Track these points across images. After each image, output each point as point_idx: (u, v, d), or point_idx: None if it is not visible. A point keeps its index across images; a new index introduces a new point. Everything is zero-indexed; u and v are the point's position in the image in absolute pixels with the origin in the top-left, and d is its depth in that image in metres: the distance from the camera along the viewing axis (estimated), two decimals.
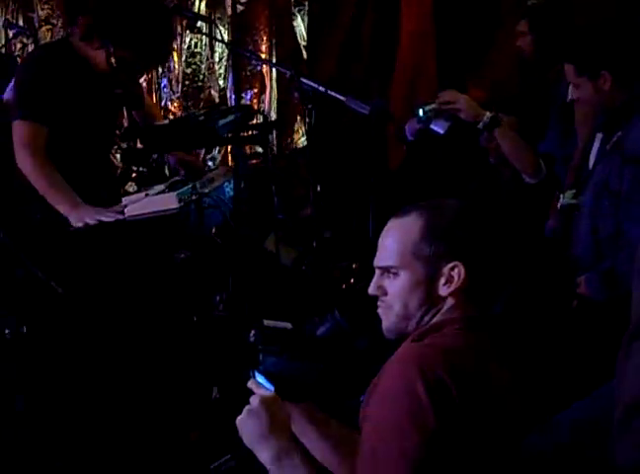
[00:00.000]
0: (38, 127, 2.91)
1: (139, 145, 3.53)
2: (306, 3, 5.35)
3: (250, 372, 1.75)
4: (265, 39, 5.32)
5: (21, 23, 5.12)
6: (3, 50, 4.89)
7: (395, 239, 1.65)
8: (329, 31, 5.34)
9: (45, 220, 2.93)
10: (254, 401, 1.62)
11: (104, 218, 2.79)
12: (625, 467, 0.67)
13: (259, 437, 1.58)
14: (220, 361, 3.12)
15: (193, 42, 5.26)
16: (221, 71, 5.32)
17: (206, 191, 2.97)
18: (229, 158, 5.15)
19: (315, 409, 1.85)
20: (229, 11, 5.28)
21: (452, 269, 1.59)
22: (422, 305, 1.62)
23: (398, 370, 1.50)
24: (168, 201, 2.80)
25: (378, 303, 1.69)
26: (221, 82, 5.32)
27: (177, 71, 5.21)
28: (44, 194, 2.89)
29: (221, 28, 5.21)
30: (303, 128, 5.17)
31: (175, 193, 2.80)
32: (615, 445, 0.68)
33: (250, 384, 1.70)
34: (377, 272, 1.70)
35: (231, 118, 3.13)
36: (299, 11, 5.37)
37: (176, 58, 5.21)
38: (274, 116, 5.26)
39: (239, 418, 1.63)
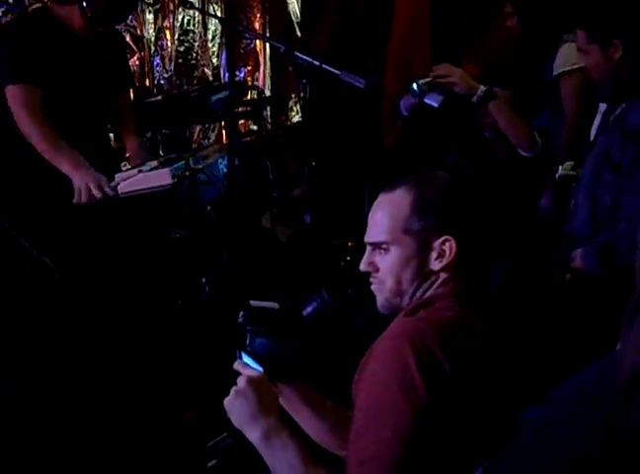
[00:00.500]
0: (31, 89, 2.87)
1: None
2: None
3: (237, 353, 1.73)
4: (258, 16, 5.28)
5: (10, 0, 5.06)
6: None
7: (385, 214, 1.63)
8: (323, 7, 5.30)
9: (40, 195, 2.90)
10: (241, 382, 1.62)
11: (105, 190, 2.76)
12: (626, 439, 0.66)
13: (247, 418, 1.58)
14: (210, 344, 3.11)
15: (185, 20, 5.21)
16: (215, 49, 5.27)
17: (200, 167, 2.95)
18: (224, 136, 5.12)
19: (309, 389, 1.84)
20: None
21: (444, 243, 1.58)
22: (414, 280, 1.61)
23: (390, 345, 1.48)
24: (161, 178, 2.78)
25: (371, 280, 1.68)
26: (215, 60, 5.27)
27: (170, 49, 5.15)
28: (46, 153, 2.84)
29: (214, 5, 5.16)
30: (298, 106, 5.14)
31: (168, 169, 2.78)
32: (615, 417, 0.66)
33: (236, 365, 1.69)
34: (368, 248, 1.68)
35: (224, 94, 3.11)
36: None
37: (168, 36, 5.15)
38: (268, 92, 5.22)
39: (227, 399, 1.62)
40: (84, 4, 2.87)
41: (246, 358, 1.71)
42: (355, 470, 1.41)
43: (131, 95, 3.45)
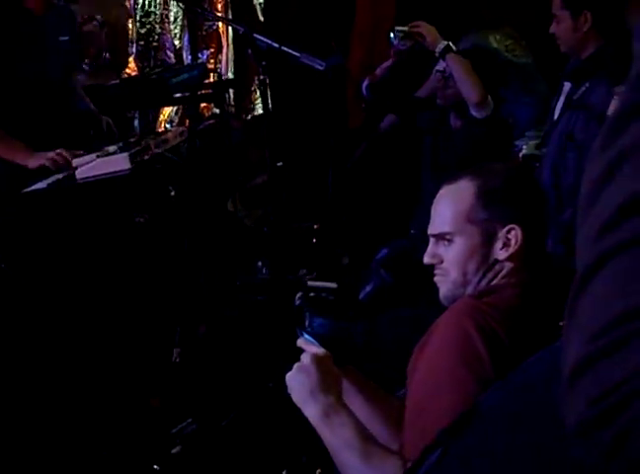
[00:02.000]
0: None
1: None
2: None
3: (297, 332, 1.72)
4: None
5: None
6: None
7: (448, 205, 1.63)
8: None
9: None
10: (305, 358, 1.58)
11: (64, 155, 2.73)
12: (570, 427, 0.65)
13: (308, 394, 1.54)
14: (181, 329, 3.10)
15: (147, 2, 5.14)
16: (177, 31, 5.21)
17: (160, 151, 2.92)
18: (187, 120, 5.07)
19: (358, 373, 1.78)
20: None
21: (509, 232, 1.56)
22: (479, 270, 1.59)
23: (453, 321, 1.47)
24: (120, 162, 2.74)
25: (435, 271, 1.66)
26: (177, 42, 5.21)
27: (131, 31, 5.10)
28: None
29: None
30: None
31: (127, 153, 2.74)
32: (561, 405, 0.66)
33: (300, 343, 1.66)
34: (432, 240, 1.67)
35: (185, 76, 3.07)
36: None
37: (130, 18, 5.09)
38: (231, 75, 5.17)
39: (289, 374, 1.58)
40: None
41: (307, 337, 1.70)
42: (415, 438, 1.40)
43: None
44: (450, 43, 3.35)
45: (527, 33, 4.67)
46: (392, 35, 3.49)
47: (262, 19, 5.31)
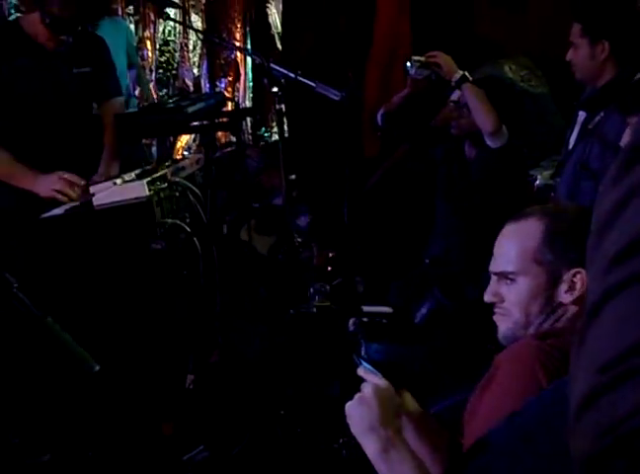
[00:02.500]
0: None
1: None
2: None
3: (355, 360, 1.70)
4: (239, 26, 5.28)
5: None
6: None
7: (514, 244, 1.60)
8: (304, 20, 5.31)
9: (11, 212, 2.89)
10: (366, 389, 1.54)
11: (72, 179, 2.75)
12: (577, 461, 0.65)
13: (367, 427, 1.50)
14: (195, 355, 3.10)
15: (167, 30, 5.20)
16: (195, 59, 5.27)
17: (177, 179, 2.93)
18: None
19: (414, 401, 1.72)
20: None
21: (575, 275, 1.54)
22: (542, 312, 1.57)
23: (521, 362, 1.45)
24: (137, 190, 2.75)
25: (495, 310, 1.64)
26: (195, 70, 5.27)
27: (150, 59, 5.16)
28: (3, 177, 2.88)
29: (195, 15, 5.16)
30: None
31: (144, 181, 2.76)
32: (569, 438, 0.65)
33: (360, 372, 1.63)
34: (494, 277, 1.65)
35: (202, 105, 3.08)
36: None
37: (149, 46, 5.15)
38: (248, 104, 5.21)
39: (349, 404, 1.54)
40: (44, 10, 2.85)
41: (366, 365, 1.66)
42: None
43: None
44: (466, 73, 3.39)
45: (543, 62, 4.69)
46: (409, 64, 3.52)
47: (280, 48, 5.35)
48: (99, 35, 3.38)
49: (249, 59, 5.21)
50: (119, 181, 2.81)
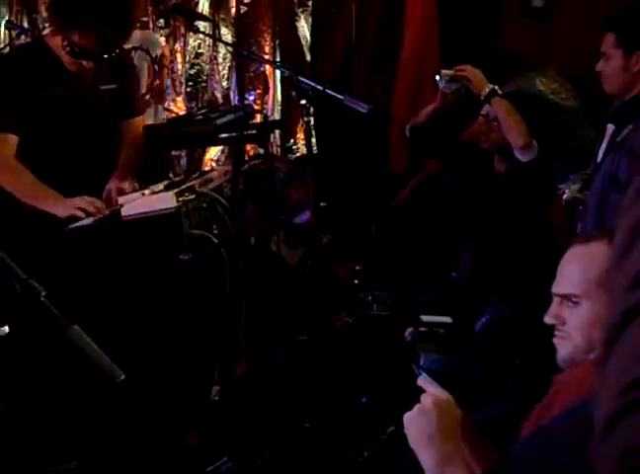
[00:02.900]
0: (4, 136, 2.90)
1: None
2: (310, 3, 5.32)
3: (414, 370, 1.67)
4: (268, 39, 5.29)
5: (25, 24, 5.09)
6: (6, 51, 4.88)
7: (579, 267, 1.58)
8: (332, 32, 5.32)
9: (40, 223, 2.91)
10: (426, 401, 1.51)
11: (90, 200, 2.78)
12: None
13: (425, 440, 1.47)
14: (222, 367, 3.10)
15: (197, 43, 5.24)
16: (225, 72, 5.29)
17: (205, 190, 2.95)
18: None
19: (469, 418, 1.66)
20: (233, 12, 5.25)
21: None
22: None
23: (581, 393, 1.37)
24: (165, 201, 2.78)
25: (555, 332, 1.61)
26: (225, 83, 5.29)
27: (180, 72, 5.19)
28: (25, 199, 2.89)
29: (224, 29, 5.19)
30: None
31: (172, 192, 2.78)
32: (595, 456, 0.64)
33: (420, 382, 1.59)
34: (556, 299, 1.62)
35: (230, 117, 3.11)
36: (303, 12, 5.33)
37: (179, 59, 5.18)
38: (277, 116, 5.22)
39: (408, 414, 1.51)
40: (65, 36, 2.86)
41: (425, 376, 1.64)
42: None
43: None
44: (496, 87, 3.37)
45: (572, 74, 4.66)
46: (438, 77, 3.52)
47: (309, 59, 5.37)
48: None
49: (278, 72, 5.22)
50: (147, 192, 2.84)
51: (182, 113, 4.99)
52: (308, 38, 5.35)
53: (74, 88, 3.03)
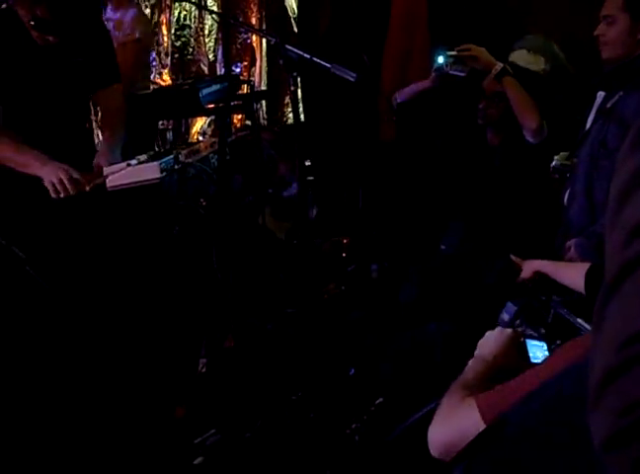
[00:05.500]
0: None
1: None
2: None
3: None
4: (255, 11, 5.25)
5: None
6: None
7: None
8: (319, 3, 5.28)
9: (26, 194, 2.88)
10: (508, 330, 1.73)
11: (75, 176, 2.74)
12: (599, 436, 0.62)
13: (485, 353, 1.66)
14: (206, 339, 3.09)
15: (182, 15, 5.18)
16: (211, 44, 5.24)
17: (190, 161, 2.92)
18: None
19: None
20: None
21: None
22: None
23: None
24: (150, 171, 2.74)
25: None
26: (211, 55, 5.24)
27: (166, 44, 5.14)
28: (9, 163, 2.83)
29: (211, 0, 5.14)
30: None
31: (157, 162, 2.75)
32: (589, 417, 0.63)
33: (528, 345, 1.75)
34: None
35: (216, 87, 3.07)
36: None
37: (165, 31, 5.13)
38: (264, 88, 5.19)
39: (491, 332, 1.73)
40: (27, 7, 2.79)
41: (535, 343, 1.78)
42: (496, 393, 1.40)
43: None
44: (507, 66, 3.30)
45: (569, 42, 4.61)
46: (441, 60, 3.42)
47: (296, 30, 5.32)
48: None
49: (264, 44, 5.18)
50: (133, 162, 2.80)
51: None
52: (295, 8, 5.30)
53: (42, 59, 2.96)
